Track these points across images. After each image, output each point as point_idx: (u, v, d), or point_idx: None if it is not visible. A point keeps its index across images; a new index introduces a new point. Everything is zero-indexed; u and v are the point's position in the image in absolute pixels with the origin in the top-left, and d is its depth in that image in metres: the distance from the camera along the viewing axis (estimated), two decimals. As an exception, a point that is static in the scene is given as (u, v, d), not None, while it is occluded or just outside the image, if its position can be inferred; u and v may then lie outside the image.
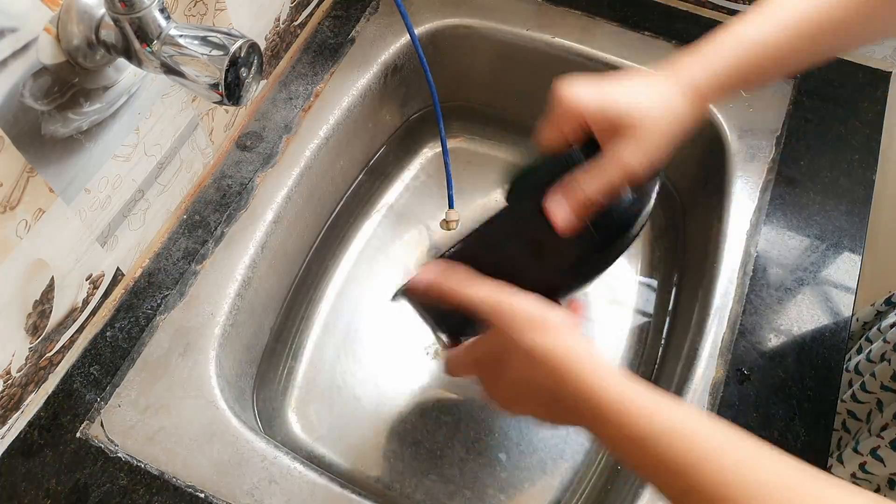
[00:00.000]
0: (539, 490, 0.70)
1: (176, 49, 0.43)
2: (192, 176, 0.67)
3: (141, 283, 0.63)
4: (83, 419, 0.57)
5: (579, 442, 0.72)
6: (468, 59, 0.85)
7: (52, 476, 0.54)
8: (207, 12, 0.59)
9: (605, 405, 0.37)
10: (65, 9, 0.44)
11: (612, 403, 0.37)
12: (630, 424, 0.36)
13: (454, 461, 0.71)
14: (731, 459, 0.34)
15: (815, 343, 0.61)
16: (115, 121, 0.53)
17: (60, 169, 0.49)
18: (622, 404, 0.37)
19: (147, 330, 0.61)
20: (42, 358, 0.55)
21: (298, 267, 0.77)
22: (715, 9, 0.82)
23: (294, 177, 0.70)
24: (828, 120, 0.75)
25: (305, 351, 0.78)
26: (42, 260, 0.51)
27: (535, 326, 0.40)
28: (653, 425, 0.36)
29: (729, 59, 0.44)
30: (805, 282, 0.65)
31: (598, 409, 0.38)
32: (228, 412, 0.57)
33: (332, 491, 0.54)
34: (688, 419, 0.36)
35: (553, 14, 0.82)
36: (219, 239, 0.66)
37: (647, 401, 0.37)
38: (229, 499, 0.54)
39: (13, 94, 0.43)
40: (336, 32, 0.80)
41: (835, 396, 0.59)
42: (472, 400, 0.75)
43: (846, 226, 0.68)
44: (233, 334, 0.63)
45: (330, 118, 0.74)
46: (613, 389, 0.38)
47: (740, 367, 0.60)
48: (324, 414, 0.74)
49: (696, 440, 0.35)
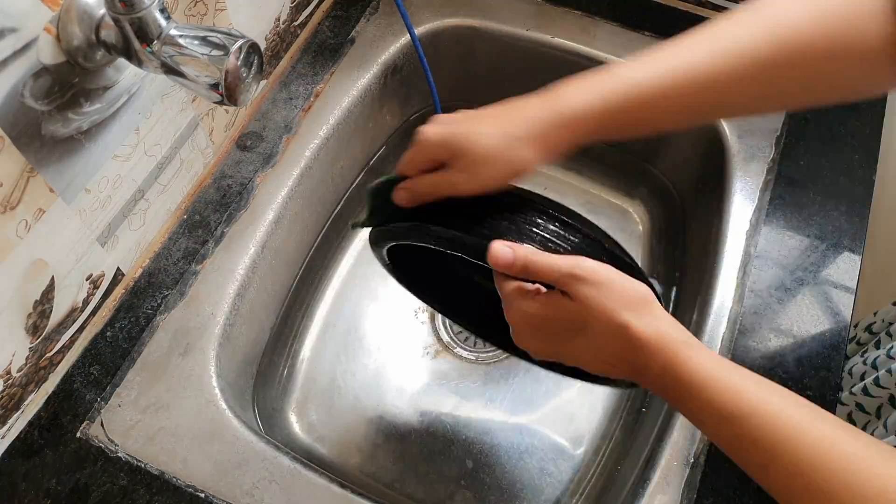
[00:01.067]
0: (539, 490, 0.70)
1: (176, 49, 0.43)
2: (192, 176, 0.67)
3: (141, 283, 0.63)
4: (83, 419, 0.57)
5: (580, 442, 0.72)
6: (468, 59, 0.85)
7: (53, 476, 0.54)
8: (207, 12, 0.59)
9: (695, 385, 0.40)
10: (65, 9, 0.44)
11: (700, 382, 0.40)
12: (715, 402, 0.39)
13: (454, 461, 0.71)
14: (811, 437, 0.37)
15: (815, 343, 0.61)
16: (116, 121, 0.53)
17: (61, 169, 0.49)
18: (708, 384, 0.39)
19: (147, 330, 0.61)
20: (42, 358, 0.56)
21: (298, 267, 0.77)
22: (715, 9, 0.82)
23: (294, 177, 0.70)
24: (828, 120, 0.75)
25: (305, 351, 0.78)
26: (42, 260, 0.51)
27: (631, 305, 0.42)
28: (739, 404, 0.38)
29: (598, 99, 0.45)
30: (805, 282, 0.65)
31: (686, 388, 0.40)
32: (228, 412, 0.57)
33: (332, 491, 0.54)
34: (772, 398, 0.38)
35: (553, 14, 0.82)
36: (219, 239, 0.66)
37: (733, 379, 0.39)
38: (229, 499, 0.54)
39: (13, 95, 0.43)
40: (336, 32, 0.80)
41: (835, 397, 0.59)
42: (472, 399, 0.75)
43: (846, 226, 0.68)
44: (233, 334, 0.63)
45: (330, 118, 0.74)
46: (702, 370, 0.40)
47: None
48: (324, 414, 0.74)
49: (779, 420, 0.37)
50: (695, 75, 0.44)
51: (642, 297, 0.42)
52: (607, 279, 0.42)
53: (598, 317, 0.42)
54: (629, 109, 0.45)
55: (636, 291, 0.42)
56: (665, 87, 0.44)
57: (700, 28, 0.45)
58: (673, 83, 0.44)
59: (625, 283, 0.42)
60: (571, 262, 0.43)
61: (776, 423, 0.38)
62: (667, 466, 0.55)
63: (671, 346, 0.41)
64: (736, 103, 0.47)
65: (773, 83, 0.44)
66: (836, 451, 0.36)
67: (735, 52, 0.44)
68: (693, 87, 0.44)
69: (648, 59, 0.45)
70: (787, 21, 0.43)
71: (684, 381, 0.40)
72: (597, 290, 0.42)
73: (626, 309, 0.41)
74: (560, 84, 0.47)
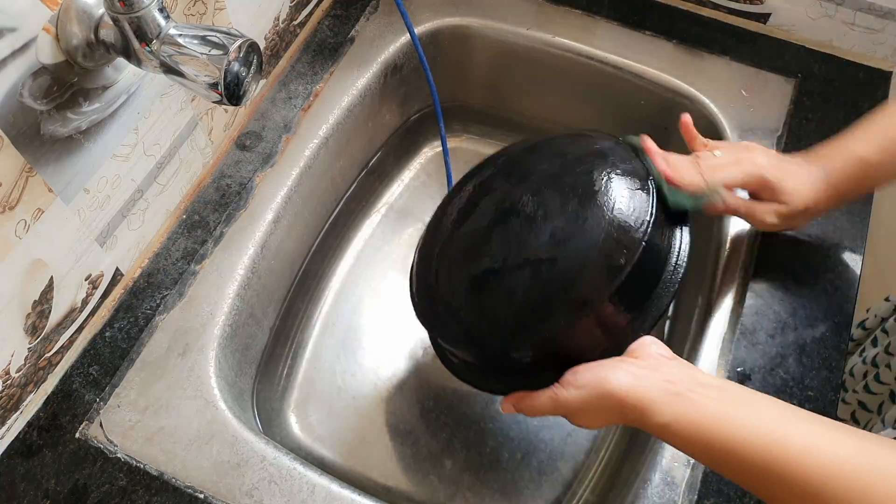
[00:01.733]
0: (539, 490, 0.70)
1: (175, 49, 0.43)
2: (191, 176, 0.67)
3: (140, 283, 0.63)
4: (82, 419, 0.57)
5: (579, 442, 0.72)
6: (468, 59, 0.85)
7: (52, 476, 0.54)
8: (207, 12, 0.59)
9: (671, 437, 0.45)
10: (64, 8, 0.44)
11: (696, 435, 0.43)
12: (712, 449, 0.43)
13: (454, 461, 0.71)
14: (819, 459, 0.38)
15: (815, 343, 0.61)
16: (115, 120, 0.53)
17: (59, 169, 0.49)
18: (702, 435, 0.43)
19: (146, 330, 0.61)
20: (41, 358, 0.55)
21: (298, 267, 0.77)
22: (715, 8, 0.82)
23: (294, 176, 0.70)
24: (828, 120, 0.75)
25: (305, 351, 0.78)
26: (41, 260, 0.50)
27: (626, 409, 0.46)
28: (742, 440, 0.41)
29: (842, 172, 0.57)
30: (805, 282, 0.65)
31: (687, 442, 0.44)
32: (228, 412, 0.57)
33: (332, 491, 0.54)
34: (762, 424, 0.41)
35: (553, 14, 0.82)
36: (218, 239, 0.65)
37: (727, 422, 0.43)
38: (229, 499, 0.53)
39: (12, 94, 0.43)
40: (336, 32, 0.80)
41: (835, 396, 0.59)
42: (472, 400, 0.75)
43: (846, 226, 0.68)
44: (232, 334, 0.63)
45: (330, 118, 0.74)
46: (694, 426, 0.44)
47: (740, 367, 0.60)
48: (323, 414, 0.74)
49: (781, 445, 0.40)
50: None
51: (627, 399, 0.46)
52: (600, 395, 0.47)
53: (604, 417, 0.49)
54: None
55: (621, 396, 0.46)
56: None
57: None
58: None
59: (613, 390, 0.47)
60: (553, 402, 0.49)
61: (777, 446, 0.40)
62: (668, 467, 0.55)
63: (640, 402, 0.45)
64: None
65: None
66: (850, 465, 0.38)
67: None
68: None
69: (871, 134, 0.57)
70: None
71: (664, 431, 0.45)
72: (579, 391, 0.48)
73: (621, 414, 0.47)
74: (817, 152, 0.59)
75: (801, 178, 0.57)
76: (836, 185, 0.57)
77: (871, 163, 0.56)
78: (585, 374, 0.48)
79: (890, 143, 0.56)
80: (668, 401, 0.44)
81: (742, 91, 0.76)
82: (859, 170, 0.56)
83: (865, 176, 0.56)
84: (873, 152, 0.56)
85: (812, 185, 0.57)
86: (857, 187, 0.58)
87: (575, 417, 0.49)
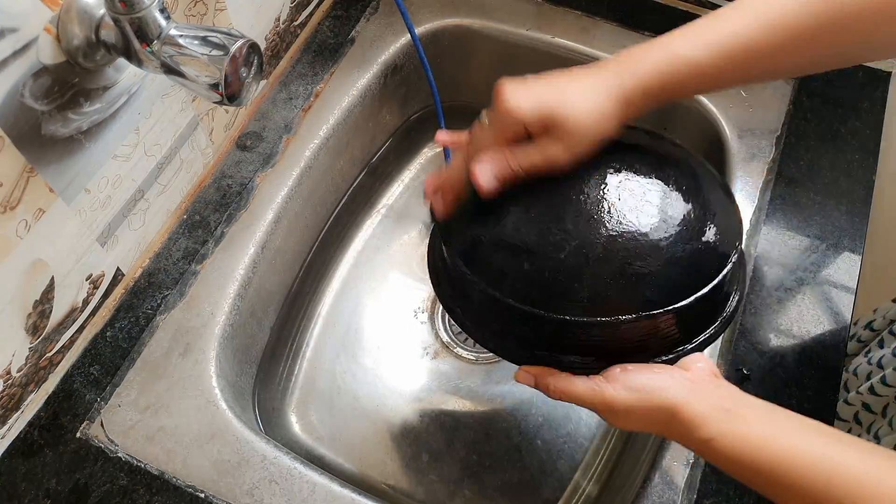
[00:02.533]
0: (539, 490, 0.70)
1: (176, 49, 0.43)
2: (192, 176, 0.67)
3: (141, 282, 0.63)
4: (83, 419, 0.57)
5: (580, 442, 0.72)
6: (468, 59, 0.85)
7: (52, 476, 0.54)
8: (207, 12, 0.59)
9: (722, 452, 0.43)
10: (65, 9, 0.44)
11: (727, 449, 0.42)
12: (744, 461, 0.42)
13: (454, 461, 0.71)
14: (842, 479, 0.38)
15: (815, 343, 0.61)
16: (115, 121, 0.53)
17: (60, 169, 0.49)
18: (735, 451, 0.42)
19: (147, 330, 0.61)
20: (42, 358, 0.55)
21: (298, 267, 0.77)
22: (715, 8, 0.82)
23: (294, 177, 0.70)
24: (828, 120, 0.75)
25: (305, 351, 0.78)
26: (42, 260, 0.51)
27: (674, 421, 0.44)
28: (766, 459, 0.41)
29: (654, 72, 0.46)
30: (805, 282, 0.65)
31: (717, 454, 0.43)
32: (228, 412, 0.57)
33: (332, 491, 0.54)
34: (790, 447, 0.40)
35: (553, 14, 0.82)
36: (219, 239, 0.66)
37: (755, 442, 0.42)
38: (229, 499, 0.54)
39: (13, 95, 0.43)
40: (336, 32, 0.80)
41: (835, 397, 0.59)
42: (472, 400, 0.75)
43: (846, 226, 0.68)
44: (233, 334, 0.63)
45: (330, 118, 0.74)
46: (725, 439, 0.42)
47: (740, 367, 0.60)
48: (324, 414, 0.74)
49: (805, 465, 0.39)
50: (746, 44, 0.46)
51: (658, 412, 0.44)
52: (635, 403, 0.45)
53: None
54: (687, 84, 0.47)
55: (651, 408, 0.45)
56: (717, 59, 0.46)
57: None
58: (727, 54, 0.46)
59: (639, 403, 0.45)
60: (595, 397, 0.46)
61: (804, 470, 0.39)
62: (667, 466, 0.55)
63: (691, 415, 0.44)
64: (789, 68, 0.49)
65: (828, 45, 0.45)
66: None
67: (782, 21, 0.45)
68: (743, 55, 0.46)
69: (699, 31, 0.47)
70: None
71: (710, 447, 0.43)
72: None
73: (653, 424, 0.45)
74: (623, 54, 0.48)
75: (582, 104, 0.46)
76: (632, 100, 0.46)
77: (700, 64, 0.46)
78: (639, 378, 0.45)
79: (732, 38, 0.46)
80: (718, 417, 0.42)
81: (741, 91, 0.76)
82: (684, 74, 0.46)
83: (690, 80, 0.46)
84: (702, 50, 0.46)
85: (596, 111, 0.46)
86: (672, 95, 0.47)
87: (613, 416, 0.46)
